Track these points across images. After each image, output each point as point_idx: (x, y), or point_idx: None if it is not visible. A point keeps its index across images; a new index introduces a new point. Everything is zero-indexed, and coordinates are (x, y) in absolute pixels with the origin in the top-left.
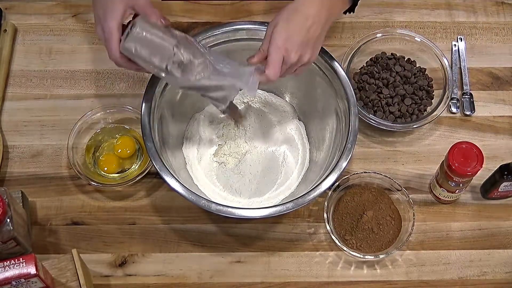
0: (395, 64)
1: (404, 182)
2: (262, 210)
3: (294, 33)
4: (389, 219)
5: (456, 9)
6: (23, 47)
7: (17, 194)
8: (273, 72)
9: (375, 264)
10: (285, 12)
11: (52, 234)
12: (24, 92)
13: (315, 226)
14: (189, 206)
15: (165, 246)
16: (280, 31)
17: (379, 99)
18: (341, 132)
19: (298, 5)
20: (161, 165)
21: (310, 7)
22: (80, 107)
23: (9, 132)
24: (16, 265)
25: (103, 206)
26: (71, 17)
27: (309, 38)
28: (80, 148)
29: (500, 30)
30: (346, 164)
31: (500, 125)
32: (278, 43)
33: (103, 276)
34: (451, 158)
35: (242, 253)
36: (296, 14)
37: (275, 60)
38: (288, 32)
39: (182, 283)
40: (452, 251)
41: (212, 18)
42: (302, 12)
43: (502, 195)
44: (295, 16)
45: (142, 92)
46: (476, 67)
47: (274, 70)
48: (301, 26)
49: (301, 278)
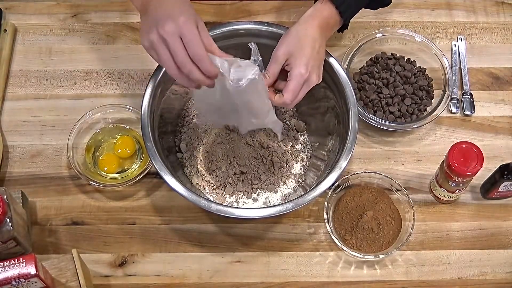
0: (395, 64)
1: (404, 182)
2: (262, 210)
3: (310, 58)
4: (389, 219)
5: (456, 9)
6: (23, 47)
7: (17, 194)
8: (291, 97)
9: (375, 264)
10: (293, 40)
11: (52, 234)
12: (24, 92)
13: (315, 226)
14: (189, 206)
15: (165, 246)
16: (299, 59)
17: (379, 99)
18: (341, 132)
19: (302, 30)
20: (161, 165)
21: (314, 31)
22: (80, 107)
23: (9, 132)
24: (16, 265)
25: (103, 206)
26: (71, 17)
27: (320, 60)
28: (80, 148)
29: (500, 30)
30: (346, 164)
31: (500, 125)
32: (302, 71)
33: (103, 276)
34: (451, 158)
35: (242, 253)
36: (305, 39)
37: (296, 86)
38: (306, 58)
39: (182, 283)
40: (452, 251)
41: (212, 18)
42: (310, 36)
43: (502, 195)
44: (305, 42)
45: (142, 92)
46: (476, 67)
47: (293, 95)
48: (312, 49)
49: (301, 278)
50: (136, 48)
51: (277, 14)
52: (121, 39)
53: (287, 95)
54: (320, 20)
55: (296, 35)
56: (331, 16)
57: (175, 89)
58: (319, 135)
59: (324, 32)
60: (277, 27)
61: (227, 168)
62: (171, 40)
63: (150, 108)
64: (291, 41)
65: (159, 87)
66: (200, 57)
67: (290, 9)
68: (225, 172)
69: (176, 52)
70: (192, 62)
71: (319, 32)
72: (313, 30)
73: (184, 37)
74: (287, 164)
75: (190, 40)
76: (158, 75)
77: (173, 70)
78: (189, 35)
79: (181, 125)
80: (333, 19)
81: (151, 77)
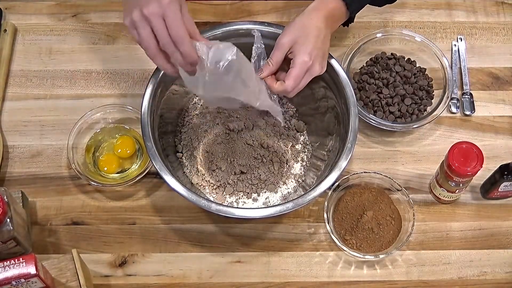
0: (395, 64)
1: (404, 182)
2: (262, 210)
3: (314, 47)
4: (389, 219)
5: (456, 9)
6: (23, 47)
7: (17, 194)
8: (293, 83)
9: (375, 264)
10: (298, 28)
11: (52, 234)
12: (24, 92)
13: (315, 226)
14: (189, 206)
15: (165, 246)
16: (303, 47)
17: (379, 99)
18: (341, 132)
19: (307, 19)
20: (161, 165)
21: (319, 21)
22: (80, 107)
23: (9, 132)
24: (16, 265)
25: (103, 206)
26: (71, 17)
27: (324, 50)
28: (80, 148)
29: (500, 30)
30: (346, 164)
31: (500, 125)
32: (305, 58)
33: (103, 276)
34: (451, 158)
35: (242, 253)
36: (310, 28)
37: (298, 73)
38: (310, 46)
39: (182, 283)
40: (452, 251)
41: (212, 18)
42: (314, 26)
43: (502, 195)
44: (310, 30)
45: (142, 92)
46: (476, 67)
47: (295, 82)
48: (317, 38)
49: (301, 278)
50: (136, 48)
51: (277, 14)
52: (121, 39)
53: (289, 81)
54: (325, 11)
55: (301, 24)
56: (337, 7)
57: (175, 89)
58: (319, 135)
59: (329, 23)
60: (277, 27)
61: (227, 168)
62: (153, 20)
63: (150, 108)
64: (296, 30)
65: (159, 87)
66: (181, 40)
67: (290, 9)
68: (225, 172)
69: (159, 32)
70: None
71: (324, 22)
72: (319, 20)
73: (167, 18)
74: (287, 164)
75: (172, 21)
76: (158, 75)
77: (152, 50)
78: (172, 16)
79: (181, 125)
80: (339, 11)
81: (151, 77)
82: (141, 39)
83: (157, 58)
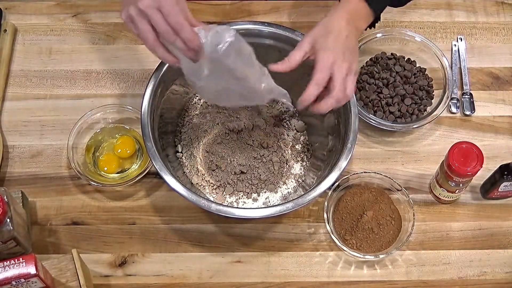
0: (395, 64)
1: (404, 182)
2: (262, 210)
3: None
4: (389, 219)
5: (456, 9)
6: (23, 47)
7: (17, 194)
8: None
9: (375, 264)
10: (319, 28)
11: (52, 234)
12: (24, 92)
13: (315, 226)
14: (189, 206)
15: (165, 246)
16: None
17: (379, 99)
18: (341, 132)
19: (328, 20)
20: (161, 165)
21: (340, 20)
22: (80, 107)
23: (9, 132)
24: (16, 265)
25: (103, 206)
26: (71, 17)
27: (347, 47)
28: (80, 148)
29: (500, 30)
30: (346, 164)
31: (500, 125)
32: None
33: (103, 276)
34: (451, 158)
35: (242, 253)
36: (330, 28)
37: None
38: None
39: (182, 283)
40: (452, 251)
41: (212, 18)
42: (334, 25)
43: (502, 195)
44: (330, 30)
45: (142, 92)
46: (476, 67)
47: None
48: (337, 37)
49: (301, 278)
50: (136, 48)
51: (277, 14)
52: (121, 39)
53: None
54: (346, 10)
55: (322, 24)
56: (358, 7)
57: (175, 89)
58: (319, 135)
59: (352, 22)
60: (277, 27)
61: (227, 168)
62: (150, 13)
63: (150, 108)
64: (317, 30)
65: (159, 87)
66: (180, 26)
67: (290, 9)
68: (225, 172)
69: (157, 23)
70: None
71: (345, 21)
72: (339, 19)
73: (163, 9)
74: (287, 164)
75: (169, 10)
76: (158, 75)
77: (152, 41)
78: (168, 6)
79: (181, 125)
80: (362, 10)
81: (151, 77)
82: (140, 32)
83: (157, 48)
